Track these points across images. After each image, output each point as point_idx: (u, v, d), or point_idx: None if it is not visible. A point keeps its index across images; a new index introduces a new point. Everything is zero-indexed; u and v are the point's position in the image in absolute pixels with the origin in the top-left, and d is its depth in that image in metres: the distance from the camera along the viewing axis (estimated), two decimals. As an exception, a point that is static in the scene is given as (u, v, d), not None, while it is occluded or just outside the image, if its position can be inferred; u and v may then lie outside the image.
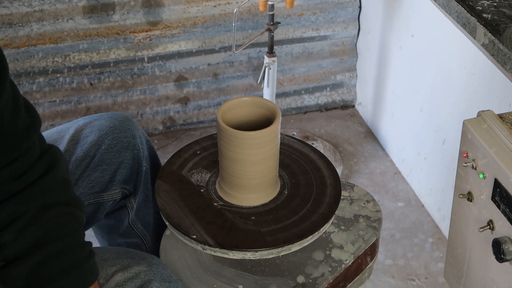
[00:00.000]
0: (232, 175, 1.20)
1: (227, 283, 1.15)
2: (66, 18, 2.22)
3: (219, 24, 2.36)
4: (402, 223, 2.12)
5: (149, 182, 1.39)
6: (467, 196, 1.14)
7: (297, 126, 2.54)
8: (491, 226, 1.09)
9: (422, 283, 1.94)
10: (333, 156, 2.34)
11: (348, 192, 1.34)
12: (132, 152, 1.33)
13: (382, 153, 2.41)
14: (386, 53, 2.32)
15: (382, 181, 2.28)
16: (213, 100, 2.50)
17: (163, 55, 2.37)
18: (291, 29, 2.44)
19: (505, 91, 1.68)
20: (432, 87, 2.06)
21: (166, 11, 2.30)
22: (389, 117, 2.37)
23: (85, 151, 1.30)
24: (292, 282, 1.15)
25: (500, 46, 1.18)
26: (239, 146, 1.16)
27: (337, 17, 2.47)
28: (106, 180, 1.32)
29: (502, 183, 1.04)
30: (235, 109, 1.21)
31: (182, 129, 2.52)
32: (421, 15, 2.07)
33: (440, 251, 2.02)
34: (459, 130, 1.14)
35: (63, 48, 2.26)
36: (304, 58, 2.51)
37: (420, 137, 2.17)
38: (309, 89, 2.58)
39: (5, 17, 2.17)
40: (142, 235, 1.40)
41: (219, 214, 1.22)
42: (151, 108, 2.45)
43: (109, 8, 2.25)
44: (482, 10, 1.28)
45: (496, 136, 1.09)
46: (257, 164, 1.18)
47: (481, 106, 1.73)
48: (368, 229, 1.25)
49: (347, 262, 1.20)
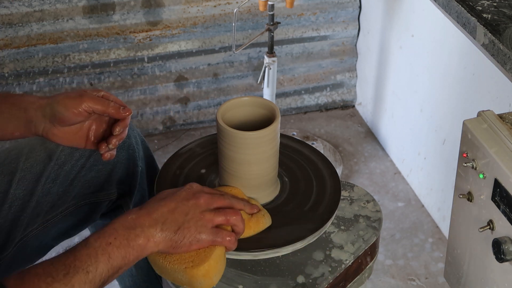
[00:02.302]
0: (232, 175, 1.20)
1: (227, 283, 1.15)
2: (66, 18, 2.22)
3: (219, 24, 2.36)
4: (402, 223, 2.12)
5: (145, 182, 1.39)
6: (467, 196, 1.14)
7: (297, 126, 2.54)
8: (491, 226, 1.09)
9: (422, 283, 1.94)
10: (333, 156, 2.34)
11: (348, 192, 1.34)
12: (127, 152, 1.34)
13: (382, 153, 2.41)
14: (386, 53, 2.32)
15: (382, 181, 2.28)
16: (213, 100, 2.50)
17: (163, 55, 2.37)
18: (291, 29, 2.44)
19: (505, 91, 1.68)
20: (432, 87, 2.06)
21: (166, 11, 2.30)
22: (389, 117, 2.37)
23: (80, 151, 1.30)
24: (292, 282, 1.15)
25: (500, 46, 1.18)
26: (239, 146, 1.16)
27: (337, 17, 2.47)
28: (102, 180, 1.33)
29: (502, 183, 1.04)
30: (235, 109, 1.21)
31: (182, 129, 2.52)
32: (421, 15, 2.07)
33: (440, 251, 2.02)
34: (459, 130, 1.14)
35: (63, 48, 2.26)
36: (304, 58, 2.51)
37: (420, 137, 2.17)
38: (309, 89, 2.58)
39: (5, 17, 2.17)
40: None
41: (219, 214, 1.22)
42: (151, 108, 2.45)
43: (109, 8, 2.25)
44: (482, 10, 1.28)
45: (496, 136, 1.09)
46: (257, 164, 1.18)
47: (481, 106, 1.73)
48: (368, 229, 1.26)
49: (347, 262, 1.20)
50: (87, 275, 0.95)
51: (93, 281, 0.95)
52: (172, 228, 1.01)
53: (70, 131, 1.20)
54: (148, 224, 0.99)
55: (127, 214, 1.00)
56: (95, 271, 0.95)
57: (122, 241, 0.97)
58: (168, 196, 1.05)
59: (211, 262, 1.05)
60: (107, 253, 0.96)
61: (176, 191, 1.07)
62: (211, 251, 1.05)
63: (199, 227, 1.03)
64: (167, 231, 1.00)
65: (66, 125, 1.18)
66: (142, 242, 0.99)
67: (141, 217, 1.00)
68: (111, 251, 0.96)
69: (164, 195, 1.06)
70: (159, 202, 1.03)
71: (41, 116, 1.18)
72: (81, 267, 0.95)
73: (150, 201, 1.04)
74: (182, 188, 1.07)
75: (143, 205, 1.03)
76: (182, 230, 1.01)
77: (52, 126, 1.18)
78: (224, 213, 1.06)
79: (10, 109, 1.18)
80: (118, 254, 0.97)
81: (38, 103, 1.18)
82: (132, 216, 0.99)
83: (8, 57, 2.23)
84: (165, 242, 1.01)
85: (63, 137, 1.20)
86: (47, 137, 1.20)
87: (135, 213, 1.00)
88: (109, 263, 0.96)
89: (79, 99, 1.15)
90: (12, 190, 1.26)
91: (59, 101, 1.16)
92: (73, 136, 1.20)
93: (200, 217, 1.03)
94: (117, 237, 0.97)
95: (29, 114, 1.18)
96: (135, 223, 0.99)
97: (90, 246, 0.96)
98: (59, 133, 1.19)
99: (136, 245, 0.98)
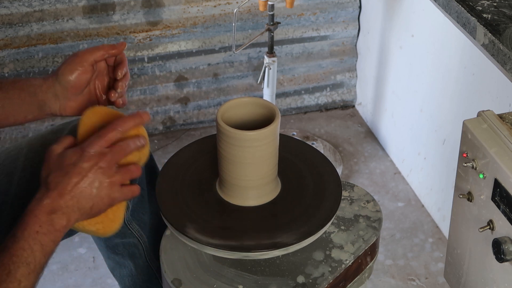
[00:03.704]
0: (232, 175, 1.20)
1: (227, 283, 1.15)
2: (66, 18, 2.22)
3: (219, 24, 2.36)
4: (402, 223, 2.12)
5: (144, 182, 1.39)
6: (467, 196, 1.14)
7: (297, 126, 2.54)
8: (491, 226, 1.09)
9: (422, 283, 1.94)
10: (333, 156, 2.34)
11: (348, 192, 1.34)
12: None
13: (382, 153, 2.41)
14: (386, 53, 2.32)
15: (382, 181, 2.28)
16: (213, 100, 2.50)
17: (163, 55, 2.37)
18: (291, 29, 2.44)
19: (505, 91, 1.68)
20: (432, 87, 2.06)
21: (166, 11, 2.30)
22: (389, 117, 2.37)
23: None
24: (292, 282, 1.15)
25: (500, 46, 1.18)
26: (238, 146, 1.16)
27: (337, 17, 2.47)
28: None
29: (502, 183, 1.04)
30: (235, 109, 1.21)
31: (182, 129, 2.52)
32: (421, 15, 2.07)
33: (440, 251, 2.02)
34: (459, 130, 1.14)
35: (63, 48, 2.26)
36: (304, 58, 2.51)
37: (420, 137, 2.17)
38: (309, 89, 2.58)
39: (5, 17, 2.17)
40: (138, 235, 1.40)
41: (219, 214, 1.22)
42: (151, 108, 2.45)
43: (109, 8, 2.25)
44: (482, 10, 1.28)
45: (496, 136, 1.09)
46: (257, 164, 1.18)
47: (481, 106, 1.73)
48: (368, 229, 1.26)
49: (347, 262, 1.20)
50: (28, 267, 0.98)
51: (35, 270, 0.99)
52: (88, 205, 1.04)
53: (83, 99, 1.22)
54: (65, 205, 1.02)
55: (40, 199, 1.02)
56: (34, 261, 0.99)
57: (48, 227, 1.01)
58: (70, 168, 1.04)
59: (119, 220, 1.12)
60: (39, 242, 1.00)
61: (74, 159, 1.05)
62: (118, 210, 1.11)
63: (110, 194, 1.06)
64: (83, 209, 1.04)
65: (79, 91, 1.20)
66: (65, 223, 1.03)
67: (56, 200, 1.02)
68: (41, 238, 1.00)
69: (61, 162, 1.05)
70: (63, 177, 1.03)
71: (53, 96, 1.19)
72: (20, 261, 0.97)
73: (52, 174, 1.04)
74: (79, 155, 1.05)
75: (47, 181, 1.04)
76: (97, 203, 1.05)
77: (67, 100, 1.20)
78: (128, 172, 1.09)
79: (19, 95, 1.20)
80: (48, 240, 1.01)
81: (45, 85, 1.19)
82: (47, 201, 1.01)
83: (8, 57, 2.23)
84: (83, 216, 1.05)
85: (79, 107, 1.22)
86: (65, 114, 1.22)
87: (46, 196, 1.02)
88: (44, 250, 1.00)
89: (78, 58, 1.18)
90: (12, 190, 1.26)
91: (62, 72, 1.18)
92: (87, 102, 1.22)
93: (109, 184, 1.06)
94: (41, 225, 1.00)
95: (40, 97, 1.19)
96: (53, 207, 1.01)
97: (20, 239, 0.99)
98: (75, 104, 1.21)
99: (61, 227, 1.02)
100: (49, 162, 1.05)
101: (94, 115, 1.13)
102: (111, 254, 1.44)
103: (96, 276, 1.97)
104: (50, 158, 1.06)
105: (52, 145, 1.07)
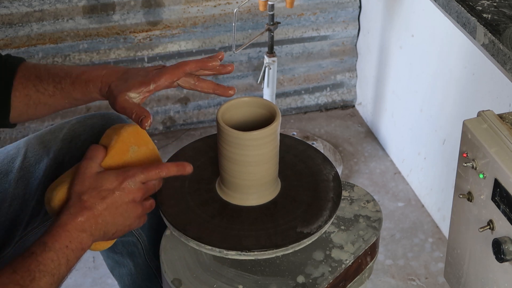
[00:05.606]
0: (232, 175, 1.20)
1: (227, 283, 1.15)
2: (66, 18, 2.22)
3: (219, 24, 2.36)
4: (402, 223, 2.12)
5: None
6: (467, 196, 1.14)
7: (297, 126, 2.54)
8: (491, 226, 1.09)
9: (422, 283, 1.95)
10: (333, 156, 2.34)
11: (348, 192, 1.34)
12: None
13: (382, 153, 2.41)
14: (386, 53, 2.32)
15: (382, 181, 2.28)
16: (213, 100, 2.50)
17: (163, 55, 2.37)
18: (291, 29, 2.44)
19: (505, 91, 1.68)
20: (432, 87, 2.06)
21: (166, 11, 2.30)
22: (389, 117, 2.37)
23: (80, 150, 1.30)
24: (292, 282, 1.15)
25: (500, 46, 1.18)
26: (238, 146, 1.16)
27: (337, 17, 2.47)
28: None
29: (502, 183, 1.04)
30: (235, 109, 1.21)
31: (182, 129, 2.52)
32: (421, 15, 2.07)
33: (440, 251, 2.02)
34: (459, 130, 1.14)
35: (63, 48, 2.26)
36: (304, 58, 2.51)
37: (420, 137, 2.17)
38: (309, 89, 2.58)
39: (5, 17, 2.17)
40: (137, 233, 1.40)
41: (219, 214, 1.22)
42: (151, 108, 2.45)
43: (109, 8, 2.25)
44: (482, 10, 1.28)
45: (496, 136, 1.09)
46: (257, 164, 1.18)
47: (481, 106, 1.73)
48: (368, 229, 1.26)
49: (347, 262, 1.20)
50: (52, 278, 1.00)
51: (57, 282, 1.01)
52: (112, 231, 1.09)
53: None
54: (95, 228, 1.06)
55: (75, 215, 1.04)
56: (58, 273, 1.01)
57: (76, 245, 1.03)
58: (107, 193, 1.06)
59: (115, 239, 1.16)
60: (66, 256, 1.02)
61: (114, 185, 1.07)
62: None
63: (132, 224, 1.11)
64: (107, 233, 1.09)
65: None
66: (90, 243, 1.06)
67: (89, 221, 1.05)
68: (69, 254, 1.03)
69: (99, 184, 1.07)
70: (100, 201, 1.06)
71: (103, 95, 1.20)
72: (46, 271, 1.00)
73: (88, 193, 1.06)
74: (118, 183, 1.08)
75: (82, 198, 1.05)
76: (119, 231, 1.10)
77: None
78: (149, 208, 1.14)
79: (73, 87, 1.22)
80: (73, 256, 1.04)
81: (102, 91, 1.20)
82: (81, 219, 1.04)
83: (8, 57, 2.23)
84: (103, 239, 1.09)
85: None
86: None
87: (81, 214, 1.04)
88: (68, 265, 1.03)
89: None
90: (11, 189, 1.26)
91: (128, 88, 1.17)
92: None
93: (135, 217, 1.11)
94: (72, 241, 1.03)
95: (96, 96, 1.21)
96: (84, 227, 1.04)
97: (51, 249, 1.01)
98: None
99: (86, 246, 1.06)
100: (84, 179, 1.07)
101: (133, 136, 1.16)
102: (110, 253, 1.45)
103: (96, 276, 1.97)
104: (85, 176, 1.08)
105: (86, 160, 1.09)
